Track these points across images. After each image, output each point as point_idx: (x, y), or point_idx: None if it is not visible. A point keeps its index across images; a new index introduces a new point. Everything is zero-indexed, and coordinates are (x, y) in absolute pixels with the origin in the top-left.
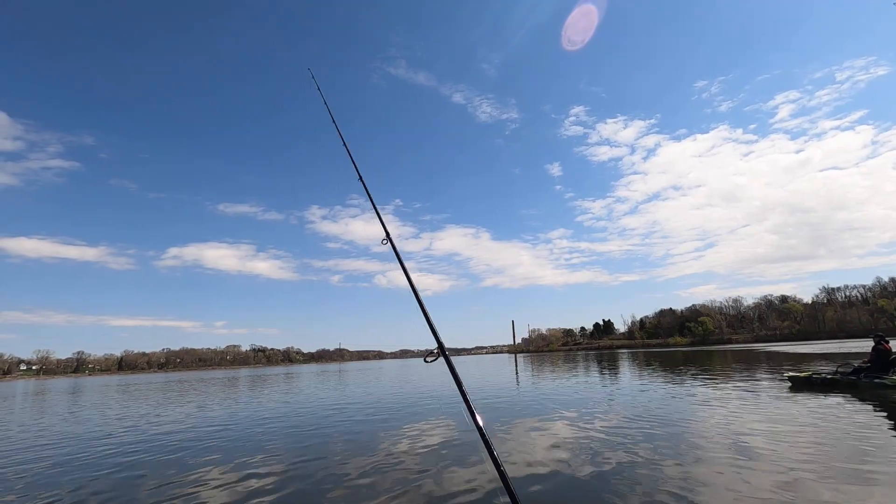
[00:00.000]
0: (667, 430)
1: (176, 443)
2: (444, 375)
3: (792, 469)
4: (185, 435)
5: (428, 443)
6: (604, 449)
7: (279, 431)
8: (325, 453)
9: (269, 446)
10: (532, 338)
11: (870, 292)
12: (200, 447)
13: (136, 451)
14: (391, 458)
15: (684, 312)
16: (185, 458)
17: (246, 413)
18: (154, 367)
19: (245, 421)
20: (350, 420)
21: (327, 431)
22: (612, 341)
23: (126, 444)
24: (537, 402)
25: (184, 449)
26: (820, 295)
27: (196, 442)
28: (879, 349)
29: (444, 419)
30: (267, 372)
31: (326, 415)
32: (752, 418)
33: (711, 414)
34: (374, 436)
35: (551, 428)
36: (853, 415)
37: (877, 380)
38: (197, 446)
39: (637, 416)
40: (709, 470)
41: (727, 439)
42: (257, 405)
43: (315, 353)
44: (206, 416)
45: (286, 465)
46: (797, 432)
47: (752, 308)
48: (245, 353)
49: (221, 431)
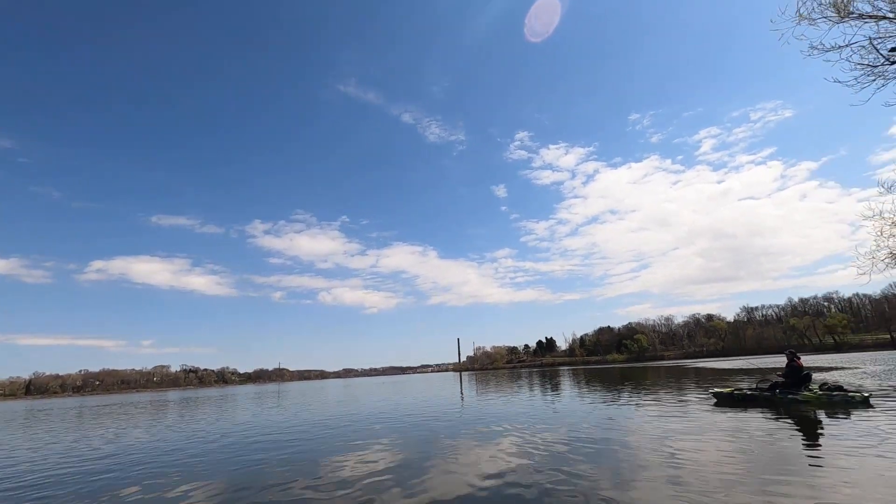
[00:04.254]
0: (605, 443)
1: (57, 478)
2: (388, 394)
3: (714, 477)
4: (70, 469)
5: (370, 468)
6: (545, 463)
7: (201, 463)
8: (254, 485)
9: (189, 481)
10: (477, 356)
11: (783, 312)
12: (95, 483)
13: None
14: (331, 487)
15: (621, 330)
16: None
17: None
18: (69, 391)
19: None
20: (288, 445)
21: (261, 458)
22: (554, 359)
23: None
24: (481, 420)
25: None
26: (741, 314)
27: (92, 476)
28: (793, 365)
29: (388, 441)
30: (198, 394)
31: (258, 441)
32: (682, 432)
33: (646, 428)
34: (313, 462)
35: (495, 444)
36: (768, 428)
37: (790, 395)
38: (91, 481)
39: (576, 431)
40: (642, 480)
41: (659, 451)
42: (169, 433)
43: (252, 373)
44: (94, 448)
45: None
46: (720, 445)
47: (682, 326)
48: (174, 375)
49: (119, 465)
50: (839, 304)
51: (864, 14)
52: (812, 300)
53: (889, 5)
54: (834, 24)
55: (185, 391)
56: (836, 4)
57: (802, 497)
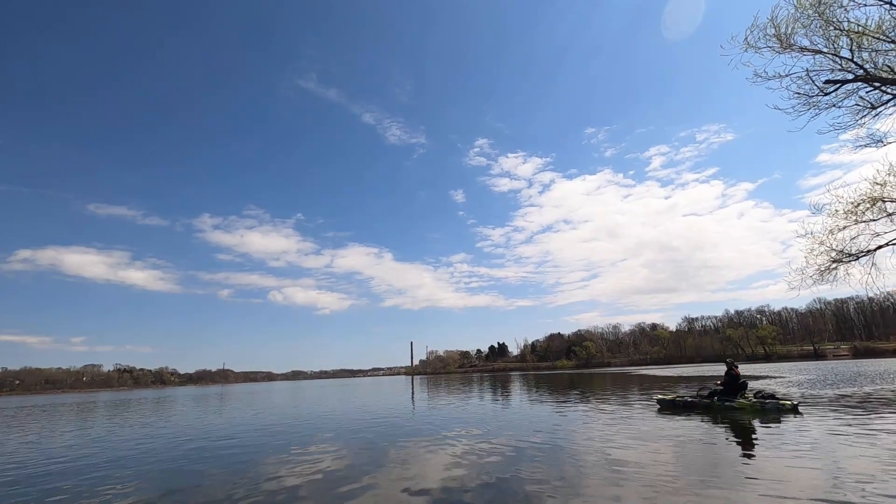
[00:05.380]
0: (552, 449)
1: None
2: (339, 397)
3: (654, 480)
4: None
5: (311, 475)
6: (493, 467)
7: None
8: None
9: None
10: (430, 360)
11: (720, 322)
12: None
13: None
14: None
15: (571, 337)
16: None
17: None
18: None
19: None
20: (224, 451)
21: (195, 468)
22: (505, 363)
23: None
24: (430, 425)
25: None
26: (682, 324)
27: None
28: (731, 374)
29: (333, 447)
30: (132, 396)
31: (196, 446)
32: (626, 436)
33: (592, 434)
34: (247, 471)
35: (444, 449)
36: (706, 433)
37: (727, 403)
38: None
39: (525, 437)
40: (587, 482)
41: (604, 455)
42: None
43: (194, 374)
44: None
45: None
46: (662, 448)
47: (629, 334)
48: (107, 375)
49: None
50: (770, 317)
51: (803, 47)
52: (746, 312)
53: (824, 41)
54: (777, 54)
55: (117, 392)
56: (778, 36)
57: (732, 501)
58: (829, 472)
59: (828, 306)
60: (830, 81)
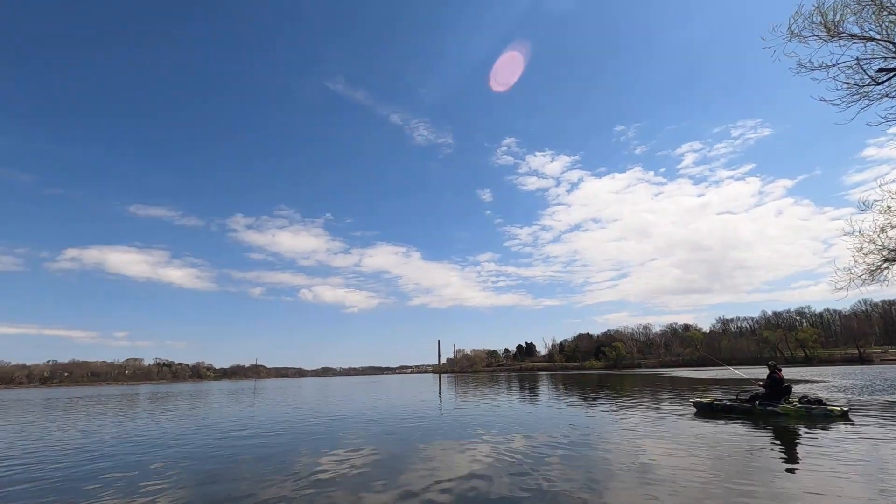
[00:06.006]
0: (582, 451)
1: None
2: (369, 393)
3: (687, 486)
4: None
5: (343, 471)
6: (521, 469)
7: (172, 460)
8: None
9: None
10: (457, 358)
11: (757, 324)
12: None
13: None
14: (300, 490)
15: (600, 337)
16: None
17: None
18: (35, 382)
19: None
20: (261, 444)
21: (230, 454)
22: (533, 363)
23: None
24: (458, 424)
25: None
26: (716, 325)
27: (51, 471)
28: (774, 377)
29: (364, 442)
30: (171, 389)
31: (232, 438)
32: (661, 441)
33: (624, 435)
34: (282, 465)
35: (471, 449)
36: (747, 439)
37: (769, 407)
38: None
39: (554, 438)
40: (617, 487)
41: (636, 460)
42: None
43: (228, 368)
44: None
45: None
46: (698, 454)
47: (660, 335)
48: (147, 368)
49: (84, 461)
50: (810, 319)
51: (853, 34)
52: (785, 314)
53: (877, 27)
54: (823, 43)
55: (157, 385)
56: (826, 24)
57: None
58: (884, 487)
59: (875, 308)
60: (884, 70)
